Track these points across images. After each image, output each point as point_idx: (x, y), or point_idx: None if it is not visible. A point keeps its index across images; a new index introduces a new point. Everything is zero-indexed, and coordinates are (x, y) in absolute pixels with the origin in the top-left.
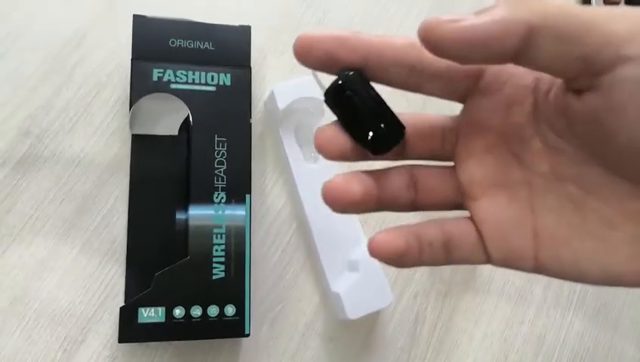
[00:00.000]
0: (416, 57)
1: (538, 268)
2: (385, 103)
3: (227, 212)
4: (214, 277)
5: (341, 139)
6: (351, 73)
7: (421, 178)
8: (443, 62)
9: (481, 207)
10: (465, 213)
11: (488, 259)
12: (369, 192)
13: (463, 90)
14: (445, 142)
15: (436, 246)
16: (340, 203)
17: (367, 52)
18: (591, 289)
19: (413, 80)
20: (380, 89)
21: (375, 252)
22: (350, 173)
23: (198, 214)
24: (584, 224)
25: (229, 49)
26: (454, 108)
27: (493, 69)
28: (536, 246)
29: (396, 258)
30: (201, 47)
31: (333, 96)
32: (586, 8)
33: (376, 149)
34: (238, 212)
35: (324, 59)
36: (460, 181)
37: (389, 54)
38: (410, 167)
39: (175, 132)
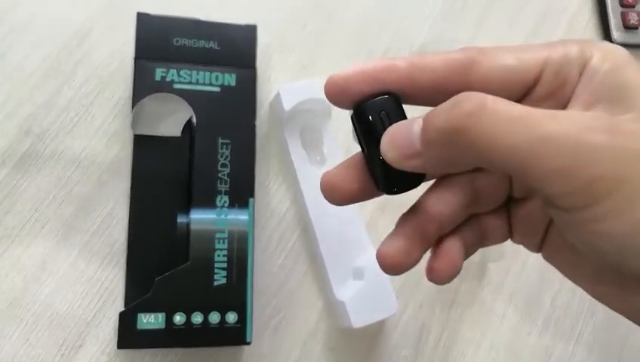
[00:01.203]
0: (463, 85)
1: (541, 253)
2: None
3: (230, 216)
4: (216, 283)
5: (347, 184)
6: (386, 96)
7: (482, 191)
8: (492, 86)
9: (525, 206)
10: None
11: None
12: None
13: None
14: None
15: (476, 244)
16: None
17: (405, 85)
18: None
19: None
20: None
21: (439, 281)
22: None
23: (199, 218)
24: (569, 244)
25: (234, 49)
26: None
27: (551, 68)
28: (542, 242)
29: (454, 277)
30: (206, 46)
31: (362, 115)
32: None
33: (388, 190)
34: (240, 216)
35: (358, 99)
36: (515, 185)
37: (430, 84)
38: (471, 180)
39: (178, 133)
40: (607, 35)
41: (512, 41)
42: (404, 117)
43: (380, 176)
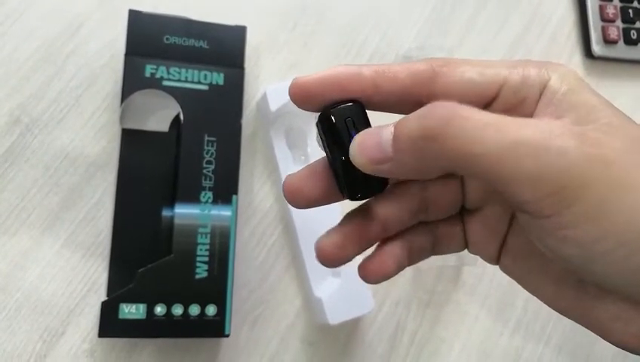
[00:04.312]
0: (425, 94)
1: (498, 265)
2: None
3: (213, 212)
4: (197, 277)
5: (310, 189)
6: (351, 104)
7: (431, 200)
8: (453, 96)
9: (477, 218)
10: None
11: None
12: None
13: None
14: None
15: (426, 252)
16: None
17: (370, 93)
18: None
19: None
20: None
21: (367, 279)
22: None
23: (183, 213)
24: (530, 253)
25: (223, 48)
26: None
27: (510, 87)
28: (499, 254)
29: (387, 278)
30: (196, 45)
31: (325, 123)
32: (506, 155)
33: (351, 195)
34: (224, 212)
35: (323, 104)
36: (467, 197)
37: (394, 93)
38: (421, 188)
39: (165, 129)
40: (587, 48)
41: (497, 49)
42: (369, 124)
43: (343, 182)
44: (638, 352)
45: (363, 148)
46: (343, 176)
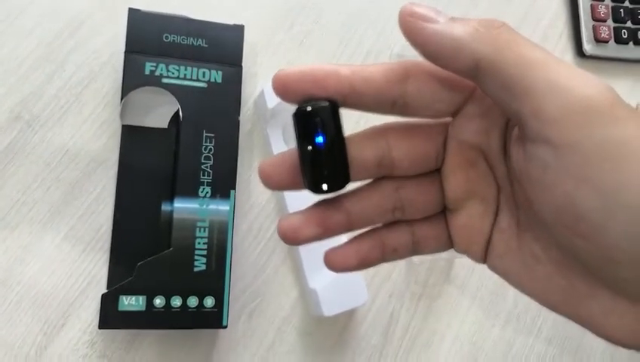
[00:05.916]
0: (398, 94)
1: (486, 264)
2: (343, 148)
3: (211, 206)
4: (195, 269)
5: (278, 176)
6: (325, 104)
7: (407, 199)
8: (426, 97)
9: (459, 217)
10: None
11: (447, 249)
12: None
13: (449, 114)
14: (437, 161)
15: (402, 250)
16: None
17: (346, 92)
18: None
19: (396, 111)
20: None
21: (329, 267)
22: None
23: (182, 207)
24: (519, 249)
25: (221, 47)
26: None
27: (479, 96)
28: (485, 252)
29: (350, 270)
30: (195, 43)
31: (298, 119)
32: (544, 63)
33: (312, 189)
34: (222, 207)
35: (302, 98)
36: (447, 196)
37: (369, 93)
38: (396, 188)
39: (165, 125)
40: (578, 47)
41: None
42: (339, 126)
43: (307, 176)
44: (632, 347)
45: (416, 6)
46: (308, 170)
